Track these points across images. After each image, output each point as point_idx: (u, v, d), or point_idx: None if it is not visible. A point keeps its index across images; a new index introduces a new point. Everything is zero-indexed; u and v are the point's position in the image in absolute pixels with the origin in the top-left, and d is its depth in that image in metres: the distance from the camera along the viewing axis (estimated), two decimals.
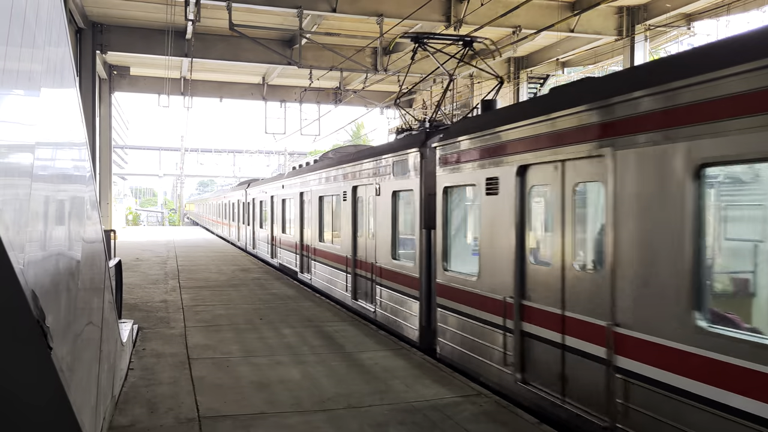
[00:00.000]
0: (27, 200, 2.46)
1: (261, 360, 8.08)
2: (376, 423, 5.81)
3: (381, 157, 10.80)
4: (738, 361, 3.97)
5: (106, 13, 21.42)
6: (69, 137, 3.72)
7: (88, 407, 3.85)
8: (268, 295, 13.81)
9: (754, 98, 3.89)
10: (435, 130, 9.71)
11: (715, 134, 4.16)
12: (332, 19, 20.04)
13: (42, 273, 2.68)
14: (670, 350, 4.53)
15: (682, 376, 4.41)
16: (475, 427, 5.74)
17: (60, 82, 3.43)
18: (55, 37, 3.23)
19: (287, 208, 19.47)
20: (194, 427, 5.65)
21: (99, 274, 4.94)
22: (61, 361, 2.74)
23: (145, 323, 10.38)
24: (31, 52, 2.66)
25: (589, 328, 5.43)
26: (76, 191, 3.88)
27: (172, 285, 15.43)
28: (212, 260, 22.71)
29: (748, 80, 3.95)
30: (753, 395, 3.86)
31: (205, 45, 22.93)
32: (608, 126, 5.20)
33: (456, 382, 7.21)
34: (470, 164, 7.64)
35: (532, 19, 18.73)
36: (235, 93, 31.47)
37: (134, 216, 75.83)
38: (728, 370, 4.02)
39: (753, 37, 4.38)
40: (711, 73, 4.22)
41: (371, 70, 21.32)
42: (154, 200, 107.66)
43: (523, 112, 6.77)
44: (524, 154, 6.44)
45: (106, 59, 26.17)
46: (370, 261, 11.19)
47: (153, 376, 7.26)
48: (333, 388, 6.86)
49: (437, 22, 18.86)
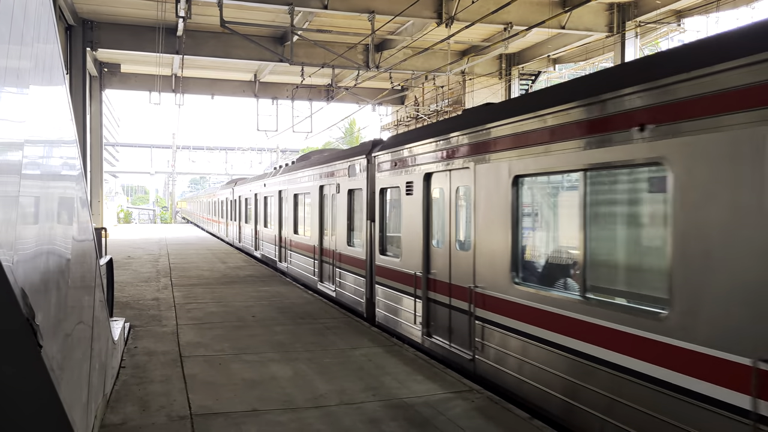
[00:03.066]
0: (16, 198, 2.45)
1: (253, 357, 8.08)
2: (368, 419, 5.83)
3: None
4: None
5: (96, 10, 21.29)
6: (58, 135, 3.70)
7: (79, 405, 3.84)
8: (260, 293, 13.81)
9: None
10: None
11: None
12: (324, 16, 20.00)
13: (31, 271, 2.67)
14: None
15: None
16: (467, 422, 5.77)
17: (49, 80, 3.41)
18: (44, 33, 3.22)
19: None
20: (186, 425, 5.64)
21: (89, 272, 4.93)
22: (52, 360, 2.74)
23: (137, 321, 10.35)
24: (19, 49, 2.65)
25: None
26: (66, 189, 3.86)
27: (164, 283, 15.39)
28: (204, 258, 22.65)
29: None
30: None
31: (196, 42, 22.86)
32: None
33: (448, 378, 7.23)
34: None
35: (523, 15, 18.78)
36: (226, 90, 31.38)
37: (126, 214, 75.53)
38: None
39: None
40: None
41: (363, 67, 21.30)
42: (146, 198, 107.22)
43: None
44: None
45: (96, 56, 26.03)
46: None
47: (145, 374, 7.24)
48: (325, 385, 6.87)
49: (428, 18, 18.87)
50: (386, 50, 23.54)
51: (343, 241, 12.55)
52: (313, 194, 14.81)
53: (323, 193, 14.17)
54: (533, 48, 24.96)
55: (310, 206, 15.32)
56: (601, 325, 5.24)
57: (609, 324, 5.14)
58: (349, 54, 21.54)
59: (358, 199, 11.94)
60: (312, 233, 15.05)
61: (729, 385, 4.03)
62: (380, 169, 10.52)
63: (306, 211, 16.16)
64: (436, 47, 19.07)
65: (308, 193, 15.52)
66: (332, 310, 11.72)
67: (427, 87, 29.39)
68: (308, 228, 15.71)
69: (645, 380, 4.72)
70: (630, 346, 4.89)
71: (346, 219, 12.42)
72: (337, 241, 12.99)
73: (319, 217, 14.37)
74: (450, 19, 17.71)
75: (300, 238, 16.45)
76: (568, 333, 5.65)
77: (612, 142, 5.14)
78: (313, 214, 14.98)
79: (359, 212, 11.81)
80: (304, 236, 16.07)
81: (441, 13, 18.59)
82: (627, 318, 4.96)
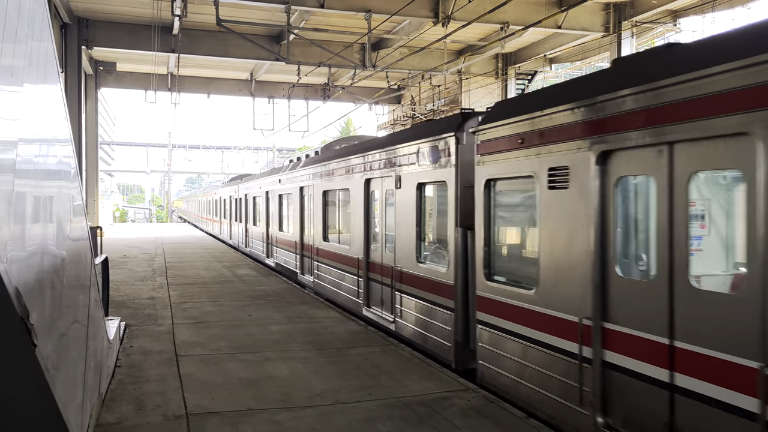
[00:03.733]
0: (10, 197, 2.44)
1: (249, 356, 8.07)
2: (364, 418, 5.83)
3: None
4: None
5: (92, 8, 21.22)
6: (53, 133, 3.69)
7: (74, 404, 3.83)
8: (256, 292, 13.79)
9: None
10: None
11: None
12: (320, 15, 19.99)
13: (26, 270, 2.66)
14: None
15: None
16: (463, 421, 5.77)
17: (43, 78, 3.40)
18: (38, 31, 3.20)
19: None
20: (182, 424, 5.63)
21: (85, 272, 4.91)
22: (46, 359, 2.73)
23: (133, 320, 10.32)
24: (13, 47, 2.64)
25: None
26: (60, 188, 3.85)
27: (159, 282, 15.36)
28: (201, 257, 22.62)
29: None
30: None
31: (193, 41, 22.80)
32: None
33: (444, 377, 7.24)
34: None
35: (519, 15, 18.80)
36: (222, 89, 31.33)
37: (121, 213, 75.38)
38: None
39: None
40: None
41: (359, 66, 21.29)
42: (142, 197, 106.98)
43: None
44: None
45: (92, 55, 25.96)
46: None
47: (140, 374, 7.23)
48: (321, 384, 6.87)
49: (425, 18, 18.87)
50: (383, 49, 23.54)
51: (408, 255, 9.29)
52: (354, 191, 11.68)
53: (369, 189, 11.09)
54: (530, 48, 24.98)
55: (348, 206, 12.18)
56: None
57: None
58: (346, 53, 21.52)
59: (436, 197, 8.87)
60: (352, 242, 11.90)
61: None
62: (484, 150, 7.07)
63: (340, 213, 13.12)
64: (433, 47, 19.05)
65: (345, 190, 12.38)
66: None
67: (423, 86, 29.39)
68: (344, 234, 12.84)
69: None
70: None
71: (413, 225, 9.12)
72: (397, 254, 9.66)
73: (364, 221, 11.17)
74: (446, 18, 17.70)
75: (332, 247, 13.24)
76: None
77: None
78: (352, 217, 11.85)
79: (438, 215, 8.75)
80: (338, 245, 12.89)
81: (437, 13, 18.60)
82: None
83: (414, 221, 9.10)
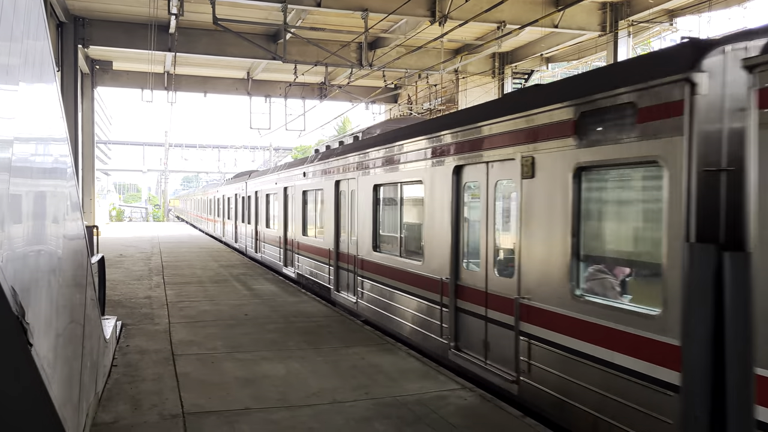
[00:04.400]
0: (5, 195, 2.43)
1: (246, 356, 8.07)
2: (361, 417, 5.83)
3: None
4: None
5: (88, 7, 21.16)
6: (49, 132, 3.68)
7: (70, 404, 3.82)
8: (252, 292, 13.78)
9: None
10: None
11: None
12: (317, 14, 19.96)
13: (22, 269, 2.65)
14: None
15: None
16: (459, 420, 5.78)
17: (39, 76, 3.39)
18: (33, 29, 3.19)
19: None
20: (178, 424, 5.62)
21: (81, 271, 4.90)
22: (42, 358, 2.72)
23: (129, 320, 10.31)
24: (8, 45, 2.63)
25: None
26: (56, 186, 3.84)
27: (156, 281, 15.33)
28: (197, 256, 22.59)
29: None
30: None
31: (189, 39, 22.75)
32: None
33: (441, 377, 7.25)
34: None
35: (516, 14, 18.80)
36: (219, 88, 31.26)
37: (118, 212, 75.19)
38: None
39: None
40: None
41: (356, 66, 21.27)
42: (138, 196, 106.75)
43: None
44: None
45: (88, 53, 25.87)
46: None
47: (137, 373, 7.22)
48: (318, 383, 6.87)
49: (422, 17, 18.86)
50: (379, 48, 23.52)
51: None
52: (438, 183, 8.34)
53: (461, 180, 7.88)
54: (526, 47, 24.99)
55: (429, 207, 8.61)
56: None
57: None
58: (342, 52, 21.50)
59: (641, 191, 5.47)
60: (429, 255, 8.59)
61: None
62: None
63: (403, 215, 9.97)
64: (430, 46, 19.04)
65: (418, 182, 9.01)
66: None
67: (420, 85, 29.39)
68: (411, 244, 9.59)
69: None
70: None
71: (563, 235, 5.81)
72: (540, 279, 6.17)
73: (452, 226, 7.97)
74: (443, 17, 17.70)
75: (394, 261, 9.89)
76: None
77: None
78: (439, 221, 8.32)
79: (647, 222, 5.35)
80: (404, 259, 9.57)
81: (434, 12, 18.59)
82: None
83: (568, 230, 5.73)
